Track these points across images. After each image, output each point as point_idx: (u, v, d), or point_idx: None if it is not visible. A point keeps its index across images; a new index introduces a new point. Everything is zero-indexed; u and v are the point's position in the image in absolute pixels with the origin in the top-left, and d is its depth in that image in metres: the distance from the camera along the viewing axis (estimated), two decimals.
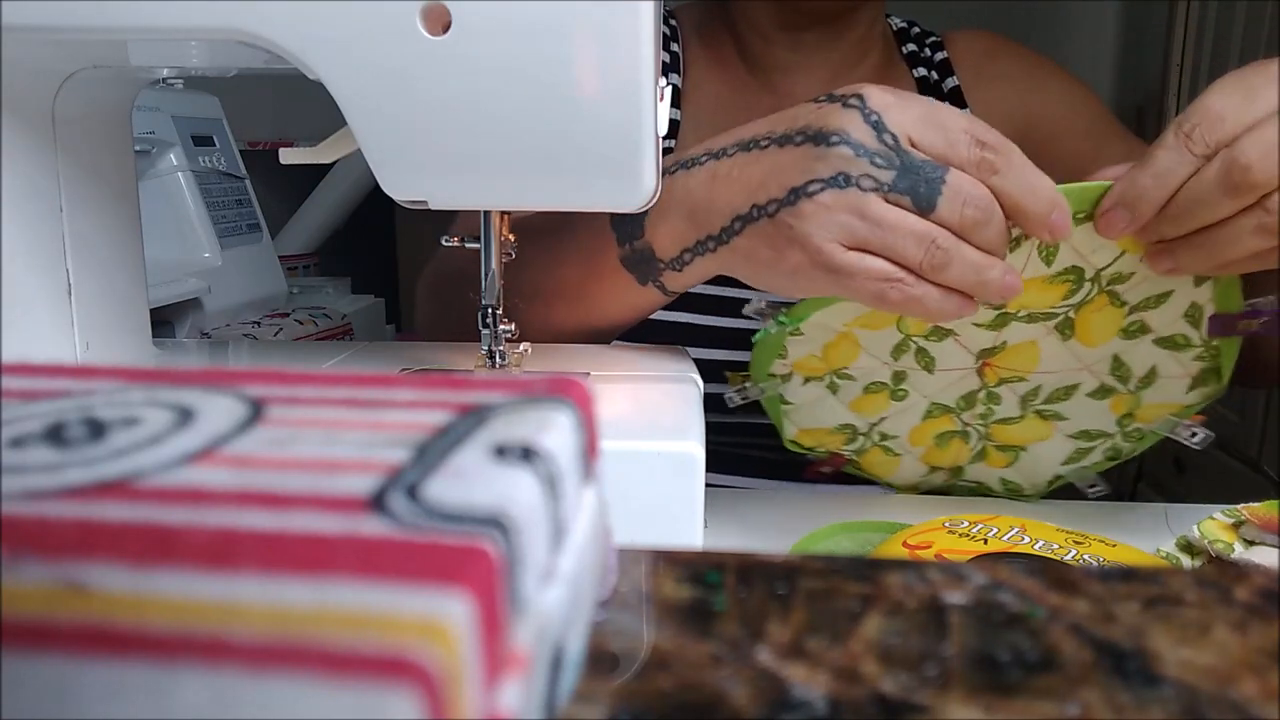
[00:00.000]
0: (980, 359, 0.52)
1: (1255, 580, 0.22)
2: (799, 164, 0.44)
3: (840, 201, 0.42)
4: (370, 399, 0.19)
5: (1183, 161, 0.42)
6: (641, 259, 0.50)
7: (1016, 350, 0.51)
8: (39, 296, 0.42)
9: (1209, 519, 0.45)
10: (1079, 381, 0.52)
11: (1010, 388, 0.53)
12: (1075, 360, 0.51)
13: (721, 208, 0.46)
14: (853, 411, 0.54)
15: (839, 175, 0.42)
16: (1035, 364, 0.51)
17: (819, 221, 0.42)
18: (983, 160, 0.42)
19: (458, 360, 0.50)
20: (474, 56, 0.34)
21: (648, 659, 0.18)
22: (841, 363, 0.52)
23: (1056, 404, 0.53)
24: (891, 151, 0.42)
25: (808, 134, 0.44)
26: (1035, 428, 0.54)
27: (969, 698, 0.17)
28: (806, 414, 0.55)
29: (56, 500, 0.15)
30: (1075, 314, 0.49)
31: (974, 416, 0.54)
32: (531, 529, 0.15)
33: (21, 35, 0.36)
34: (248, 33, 0.34)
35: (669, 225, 0.48)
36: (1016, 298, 0.46)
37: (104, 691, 0.11)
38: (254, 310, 0.99)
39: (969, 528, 0.43)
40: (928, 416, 0.54)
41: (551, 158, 0.36)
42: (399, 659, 0.11)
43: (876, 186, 0.42)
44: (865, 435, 0.56)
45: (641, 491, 0.36)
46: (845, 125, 0.43)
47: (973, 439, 0.56)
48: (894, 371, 0.52)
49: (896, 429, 0.55)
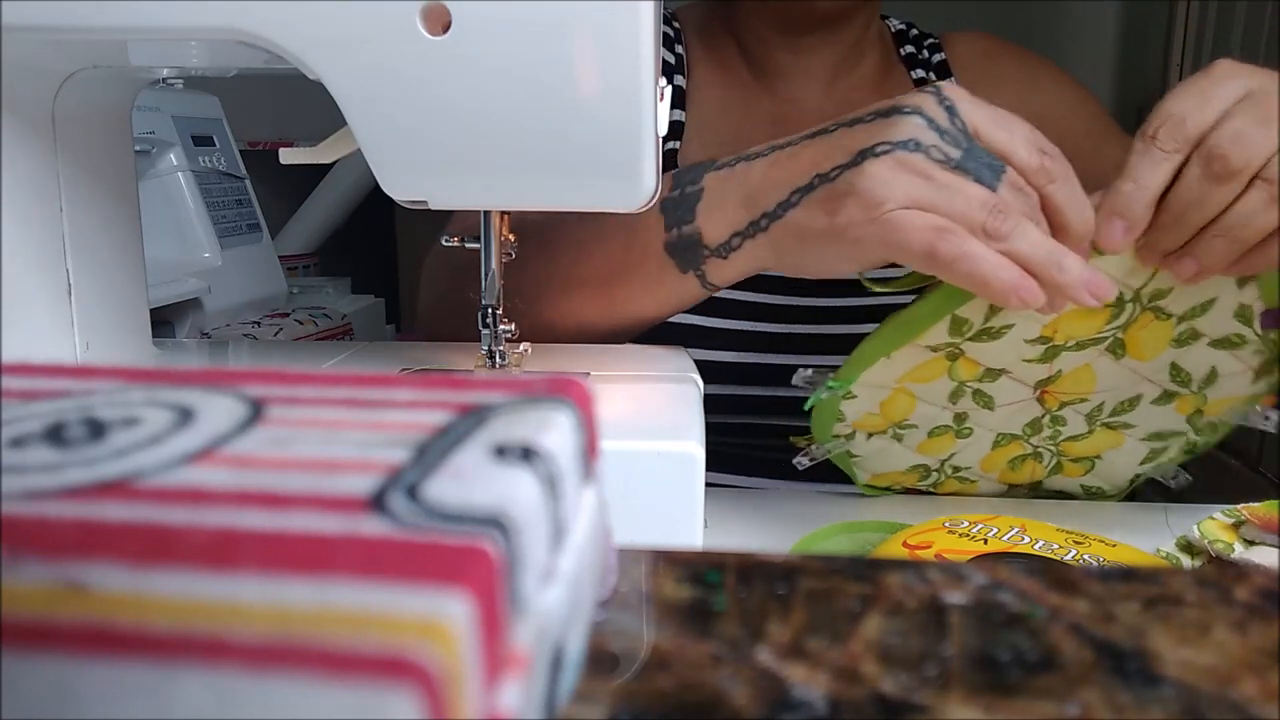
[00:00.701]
0: (1038, 388, 0.52)
1: (1255, 580, 0.22)
2: (869, 133, 0.44)
3: (907, 163, 0.42)
4: (370, 399, 0.19)
5: (1155, 160, 0.43)
6: (687, 245, 0.50)
7: (1072, 376, 0.51)
8: (39, 296, 0.42)
9: (1209, 519, 0.45)
10: (1141, 393, 0.52)
11: (1073, 409, 0.53)
12: (1133, 375, 0.51)
13: (780, 184, 0.46)
14: (921, 454, 0.55)
15: (909, 140, 0.43)
16: (1093, 385, 0.51)
17: (882, 179, 0.42)
18: (1042, 167, 0.43)
19: (458, 360, 0.50)
20: (474, 56, 0.34)
21: (648, 659, 0.18)
22: (900, 416, 0.52)
23: (1122, 415, 0.53)
24: (961, 134, 0.43)
25: (880, 112, 0.45)
26: (1106, 438, 0.54)
27: (969, 698, 0.17)
28: (876, 462, 0.55)
29: (56, 500, 0.15)
30: (1123, 334, 0.49)
31: (1043, 439, 0.54)
32: (531, 529, 0.15)
33: (21, 35, 0.36)
34: (248, 33, 0.34)
35: (722, 211, 0.48)
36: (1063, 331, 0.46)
37: (104, 691, 0.11)
38: (254, 310, 0.99)
39: (969, 528, 0.43)
40: (996, 445, 0.54)
41: (551, 158, 0.36)
42: (399, 659, 0.11)
43: (944, 159, 0.42)
44: (938, 471, 0.56)
45: (641, 491, 0.36)
46: (920, 103, 0.44)
47: (1045, 457, 0.56)
48: (955, 414, 0.52)
49: (967, 461, 0.55)
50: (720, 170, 0.49)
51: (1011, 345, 0.48)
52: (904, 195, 0.42)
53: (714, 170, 0.50)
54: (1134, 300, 0.47)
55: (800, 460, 0.54)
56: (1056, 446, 0.55)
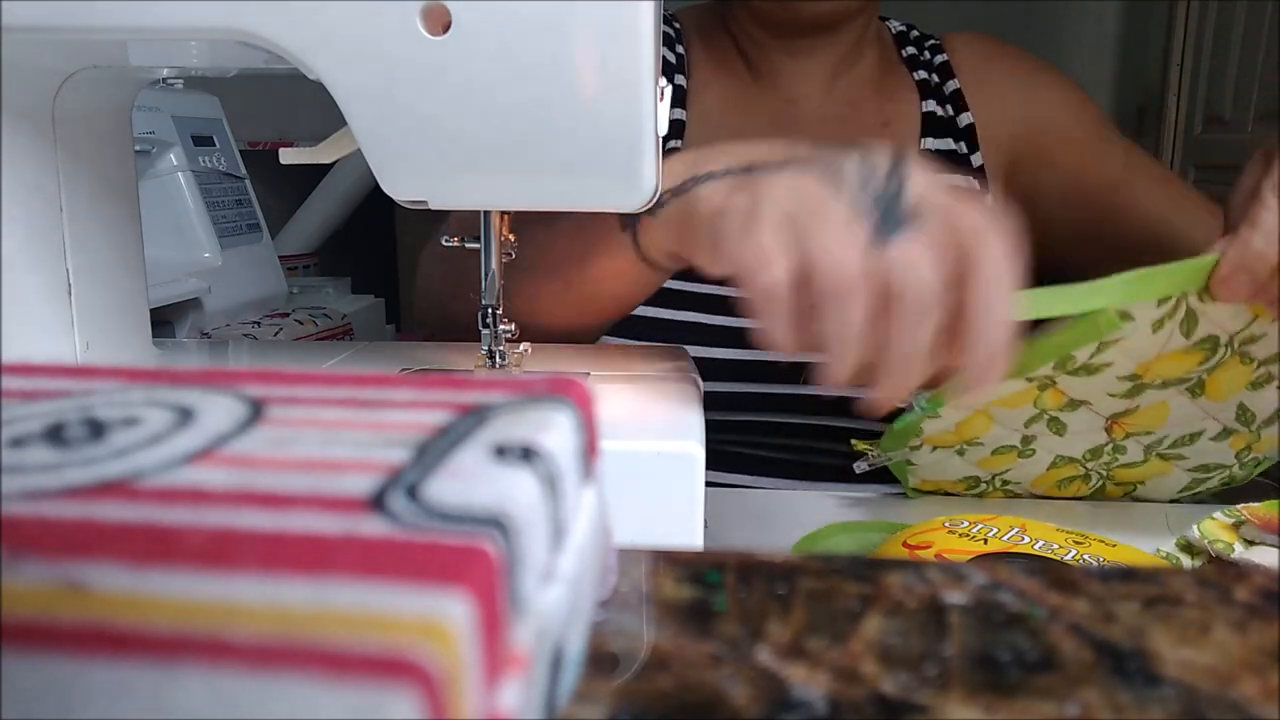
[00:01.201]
0: (1110, 420, 0.52)
1: (1255, 580, 0.22)
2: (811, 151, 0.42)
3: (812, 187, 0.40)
4: (370, 399, 0.19)
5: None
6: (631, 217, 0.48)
7: (1147, 411, 0.51)
8: (39, 296, 0.42)
9: (1209, 519, 0.45)
10: (1204, 429, 0.52)
11: (1136, 440, 0.53)
12: (1202, 413, 0.51)
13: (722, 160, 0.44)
14: (978, 468, 0.55)
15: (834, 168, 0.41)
16: (1164, 422, 0.52)
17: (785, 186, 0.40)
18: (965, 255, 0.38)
19: (458, 360, 0.50)
20: (474, 56, 0.34)
21: (648, 659, 0.18)
22: (973, 435, 0.52)
23: (1180, 448, 0.54)
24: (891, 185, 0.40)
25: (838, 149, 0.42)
26: (1156, 467, 0.55)
27: (969, 698, 0.17)
28: (931, 470, 0.56)
29: (56, 500, 0.15)
30: (1208, 375, 0.49)
31: (1098, 464, 0.55)
32: (531, 529, 0.15)
33: (21, 35, 0.36)
34: (248, 33, 0.34)
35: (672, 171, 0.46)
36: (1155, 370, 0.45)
37: (104, 691, 0.11)
38: (254, 310, 0.99)
39: (969, 528, 0.43)
40: (1052, 466, 0.55)
41: (551, 158, 0.36)
42: (399, 659, 0.11)
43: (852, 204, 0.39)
44: (988, 483, 0.56)
45: (641, 491, 0.36)
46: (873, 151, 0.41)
47: (1093, 480, 0.56)
48: (1023, 436, 0.52)
49: (1019, 478, 0.56)
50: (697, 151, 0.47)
51: (1103, 381, 0.48)
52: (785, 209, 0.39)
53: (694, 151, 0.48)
54: (1228, 344, 0.47)
55: (860, 465, 0.54)
56: (1108, 471, 0.55)
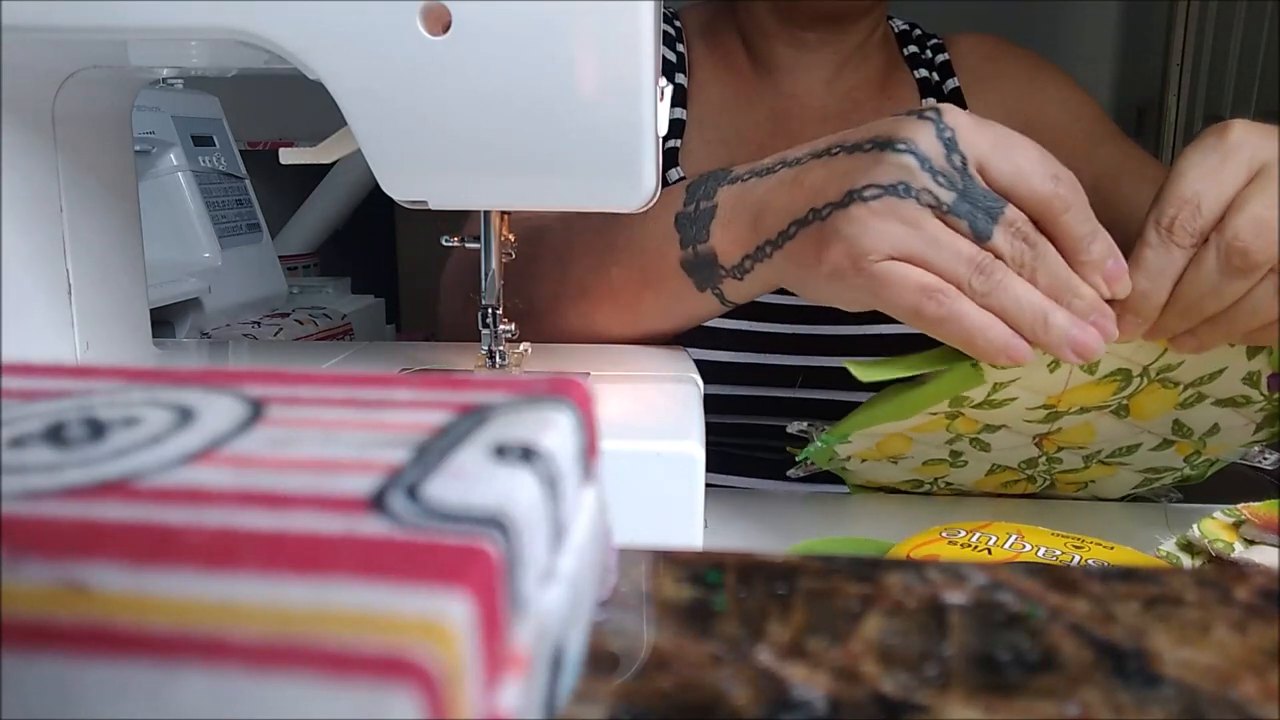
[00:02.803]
0: (1036, 438, 0.52)
1: (1255, 580, 0.22)
2: (862, 169, 0.42)
3: (894, 210, 0.41)
4: (370, 399, 0.19)
5: (1171, 256, 0.41)
6: (703, 263, 0.49)
7: (1072, 430, 0.51)
8: (39, 296, 0.42)
9: (1209, 519, 0.45)
10: (1140, 441, 0.52)
11: (1071, 452, 0.53)
12: (1133, 429, 0.51)
13: (781, 211, 0.45)
14: (916, 473, 0.55)
15: (899, 184, 0.41)
16: (1093, 438, 0.51)
17: (867, 225, 0.41)
18: (1055, 194, 0.40)
19: (458, 360, 0.50)
20: (474, 56, 0.34)
21: (648, 659, 0.18)
22: (896, 453, 0.52)
23: (1120, 457, 0.53)
24: (957, 173, 0.41)
25: (878, 142, 0.43)
26: (1100, 471, 0.55)
27: (969, 698, 0.17)
28: (870, 474, 0.56)
29: (56, 500, 0.15)
30: (1129, 400, 0.49)
31: (1038, 471, 0.55)
32: (531, 529, 0.15)
33: (21, 35, 0.36)
34: (248, 33, 0.34)
35: (733, 230, 0.47)
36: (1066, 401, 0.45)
37: (104, 691, 0.11)
38: (254, 310, 0.99)
39: (967, 537, 0.43)
40: (990, 473, 0.55)
41: (551, 158, 0.36)
42: (399, 659, 0.11)
43: (935, 204, 0.41)
44: (931, 484, 0.56)
45: (641, 491, 0.36)
46: (916, 135, 0.41)
47: (1039, 481, 0.56)
48: (951, 450, 0.52)
49: (961, 480, 0.56)
50: (734, 185, 0.48)
51: (1014, 411, 0.48)
52: (889, 246, 0.41)
53: (727, 184, 0.49)
54: (1142, 374, 0.47)
55: (794, 472, 0.54)
56: (1050, 476, 0.55)
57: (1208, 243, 0.41)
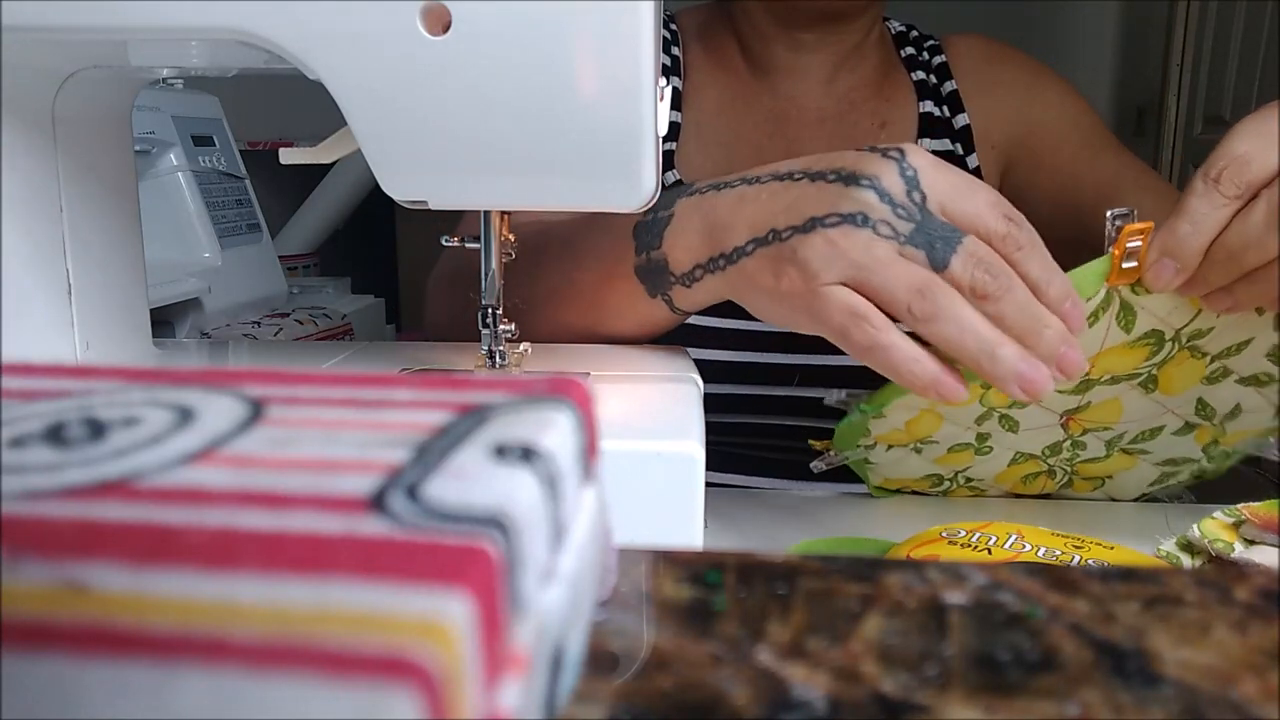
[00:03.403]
0: (1064, 416, 0.52)
1: (1255, 580, 0.22)
2: (824, 198, 0.43)
3: (851, 239, 0.42)
4: (370, 399, 0.19)
5: (1215, 205, 0.42)
6: (655, 269, 0.50)
7: (1101, 407, 0.51)
8: (39, 296, 0.42)
9: (1209, 519, 0.45)
10: (1164, 424, 0.52)
11: (1095, 435, 0.53)
12: (1159, 407, 0.51)
13: (740, 228, 0.46)
14: (937, 465, 0.55)
15: (858, 214, 0.42)
16: (1120, 416, 0.52)
17: (825, 253, 0.42)
18: (1008, 235, 0.41)
19: (458, 360, 0.50)
20: (474, 56, 0.34)
21: (648, 659, 0.18)
22: (924, 434, 0.52)
23: (1142, 442, 0.54)
24: (916, 208, 0.42)
25: (841, 174, 0.44)
26: (1121, 462, 0.55)
27: (969, 698, 0.17)
28: (891, 469, 0.56)
29: (56, 500, 0.15)
30: (1158, 370, 0.49)
31: (1060, 459, 0.55)
32: (531, 529, 0.15)
33: (21, 35, 0.36)
34: (248, 33, 0.34)
35: (687, 239, 0.48)
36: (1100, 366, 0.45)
37: (104, 691, 0.11)
38: (254, 310, 0.99)
39: (968, 537, 0.43)
40: (1013, 463, 0.55)
41: (551, 158, 0.36)
42: (399, 659, 0.11)
43: (893, 235, 0.41)
44: (950, 480, 0.56)
45: (641, 491, 0.36)
46: (879, 172, 0.42)
47: (1058, 475, 0.56)
48: (978, 434, 0.52)
49: (982, 474, 0.56)
50: (692, 196, 0.49)
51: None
52: (839, 271, 0.42)
53: (686, 196, 0.50)
54: (1174, 339, 0.47)
55: (817, 465, 0.54)
56: (1072, 467, 0.55)
57: (1257, 196, 0.42)
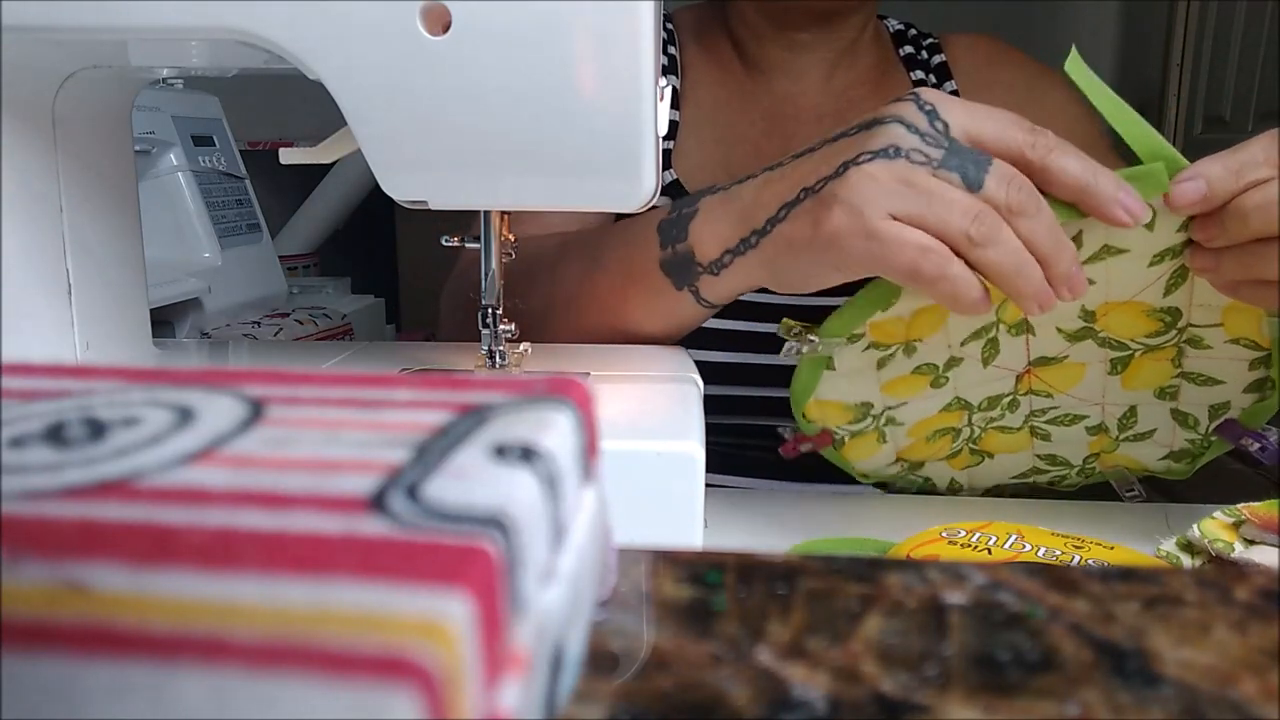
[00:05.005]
0: (1028, 366, 0.52)
1: (1255, 580, 0.22)
2: (851, 145, 0.44)
3: (889, 171, 0.43)
4: (370, 399, 0.19)
5: (1264, 164, 0.42)
6: (681, 261, 0.50)
7: (1065, 367, 0.51)
8: (39, 296, 0.42)
9: (1209, 519, 0.45)
10: (1089, 414, 0.53)
11: (1034, 397, 0.53)
12: (1101, 396, 0.52)
13: (769, 203, 0.47)
14: (883, 393, 0.53)
15: (889, 147, 0.43)
16: (1069, 388, 0.52)
17: (865, 188, 0.43)
18: (1037, 141, 0.42)
19: (458, 360, 0.50)
20: (474, 56, 0.34)
21: (648, 659, 0.18)
22: (917, 334, 0.51)
23: (1056, 425, 0.54)
24: (941, 134, 0.43)
25: (862, 125, 0.45)
26: (1018, 441, 0.55)
27: (969, 698, 0.17)
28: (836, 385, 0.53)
29: (56, 500, 0.15)
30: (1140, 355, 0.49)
31: (978, 420, 0.54)
32: (531, 529, 0.15)
33: (21, 35, 0.36)
34: (248, 33, 0.34)
35: (714, 227, 0.49)
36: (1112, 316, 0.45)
37: (104, 691, 0.11)
38: (254, 310, 0.99)
39: (967, 537, 0.43)
40: (943, 410, 0.54)
41: (551, 158, 0.36)
42: (399, 659, 0.11)
43: (926, 161, 0.42)
44: (874, 418, 0.55)
45: (641, 491, 0.36)
46: (899, 110, 0.44)
47: (958, 439, 0.56)
48: (951, 356, 0.52)
49: (905, 417, 0.55)
50: (716, 194, 0.50)
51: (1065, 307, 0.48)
52: (886, 203, 0.42)
53: (710, 194, 0.51)
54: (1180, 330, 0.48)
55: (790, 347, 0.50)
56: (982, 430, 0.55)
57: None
